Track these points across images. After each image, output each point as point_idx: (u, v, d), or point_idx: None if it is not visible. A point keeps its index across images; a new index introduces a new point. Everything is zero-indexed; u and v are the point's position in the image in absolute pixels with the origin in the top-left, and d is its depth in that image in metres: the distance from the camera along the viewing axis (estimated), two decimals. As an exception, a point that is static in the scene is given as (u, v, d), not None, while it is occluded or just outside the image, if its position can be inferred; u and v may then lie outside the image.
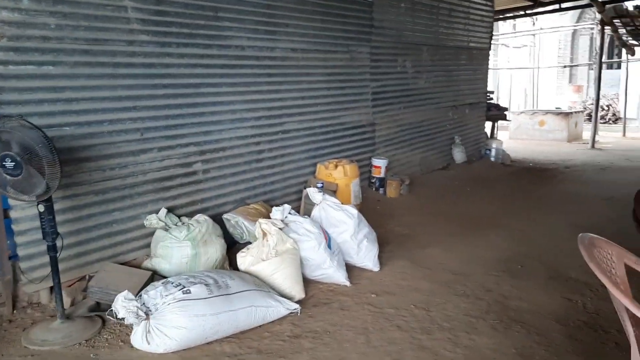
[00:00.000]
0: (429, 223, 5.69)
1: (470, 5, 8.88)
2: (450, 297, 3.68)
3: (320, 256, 3.94)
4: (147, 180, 4.35)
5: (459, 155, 8.84)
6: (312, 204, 4.49)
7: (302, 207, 4.95)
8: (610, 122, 17.13)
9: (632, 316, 1.78)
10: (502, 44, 20.93)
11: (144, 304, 3.12)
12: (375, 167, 6.77)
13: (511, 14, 13.00)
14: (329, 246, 4.05)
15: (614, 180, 8.09)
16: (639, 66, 16.32)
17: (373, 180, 6.79)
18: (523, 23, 20.70)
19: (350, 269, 4.16)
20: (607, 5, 11.31)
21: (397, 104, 7.50)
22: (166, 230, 4.08)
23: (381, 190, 6.72)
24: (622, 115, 16.82)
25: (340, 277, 3.96)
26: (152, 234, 4.18)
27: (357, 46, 6.58)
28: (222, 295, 3.20)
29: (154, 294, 3.16)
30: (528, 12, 12.44)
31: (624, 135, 15.17)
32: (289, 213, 4.17)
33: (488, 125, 10.56)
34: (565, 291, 3.74)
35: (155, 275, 3.91)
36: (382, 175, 6.76)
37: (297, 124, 5.78)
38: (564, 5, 12.04)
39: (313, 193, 4.45)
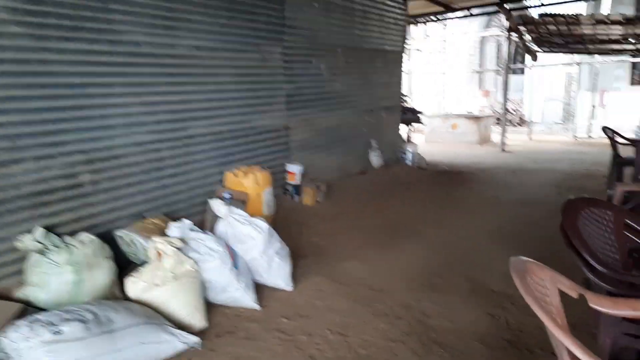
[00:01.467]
0: (347, 232, 5.42)
1: (384, 8, 8.77)
2: (369, 318, 3.38)
3: (226, 277, 3.51)
4: (20, 195, 3.72)
5: (376, 159, 8.69)
6: (218, 218, 4.04)
7: (207, 221, 4.49)
8: (517, 125, 17.93)
9: (571, 353, 1.53)
10: (416, 49, 21.36)
11: (2, 350, 2.55)
12: (290, 173, 6.42)
13: (424, 19, 13.15)
14: (236, 265, 3.63)
15: (525, 183, 8.26)
16: (542, 72, 17.15)
17: (288, 188, 6.43)
18: (435, 29, 21.28)
19: (260, 289, 3.77)
20: (514, 13, 11.68)
21: (313, 107, 7.19)
22: (43, 253, 3.48)
23: (297, 198, 6.38)
24: (527, 119, 17.63)
25: (248, 300, 3.55)
26: (27, 257, 3.57)
27: (268, 46, 6.20)
28: (104, 334, 2.70)
29: (16, 336, 2.59)
30: (440, 17, 12.61)
31: (530, 138, 15.86)
32: (190, 229, 3.71)
33: (404, 128, 10.55)
34: (487, 305, 3.56)
35: (29, 308, 3.31)
36: (297, 182, 6.42)
37: (203, 128, 5.30)
38: (473, 11, 12.32)
39: (217, 205, 4.01)
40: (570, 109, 16.68)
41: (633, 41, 12.75)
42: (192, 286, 3.38)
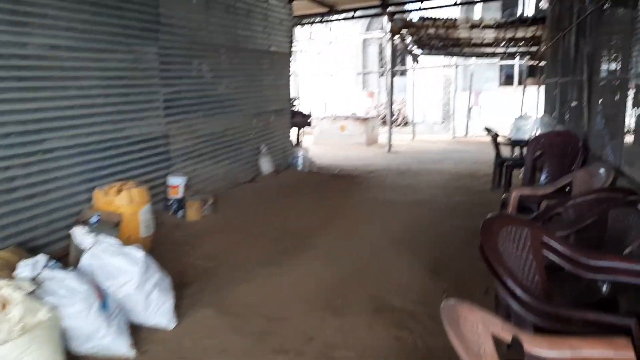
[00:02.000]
0: (236, 249, 4.96)
1: (268, 8, 8.40)
2: (267, 357, 2.97)
3: (92, 323, 2.92)
4: None
5: (266, 165, 8.29)
6: (83, 249, 3.41)
7: (71, 253, 3.81)
8: (401, 125, 18.49)
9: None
10: (301, 50, 21.29)
11: None
12: (172, 186, 5.82)
13: (309, 20, 12.98)
14: (105, 306, 3.05)
15: (414, 185, 8.32)
16: (422, 74, 17.80)
17: (170, 203, 5.83)
18: (320, 30, 21.35)
19: (138, 330, 3.21)
20: (396, 16, 11.88)
21: (195, 112, 6.63)
22: None
23: (180, 213, 5.80)
24: (410, 120, 18.22)
25: (120, 347, 2.98)
26: None
27: (141, 45, 5.56)
28: None
29: None
30: (325, 19, 12.50)
31: (413, 138, 16.36)
32: (46, 266, 3.06)
33: (294, 132, 10.26)
34: (393, 327, 3.31)
35: None
36: (180, 195, 5.84)
37: (64, 141, 4.57)
38: (357, 13, 12.36)
39: (81, 234, 3.37)
40: (449, 110, 17.49)
41: (503, 44, 13.55)
42: (48, 338, 2.75)
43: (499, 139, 7.81)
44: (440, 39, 13.23)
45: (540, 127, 10.28)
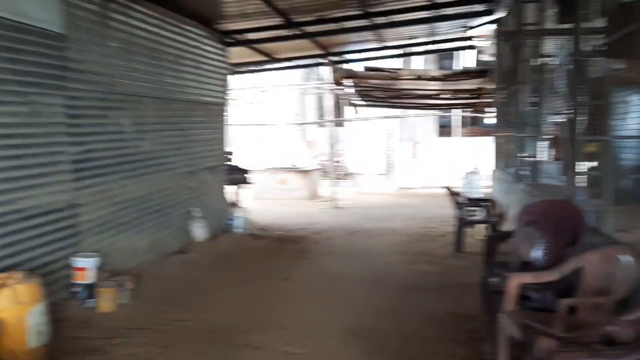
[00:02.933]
0: (158, 356, 3.84)
1: (201, 54, 7.53)
2: None
3: None
4: None
5: (199, 231, 7.22)
6: None
7: None
8: (342, 177, 17.86)
9: None
10: (238, 100, 20.50)
11: None
12: (79, 269, 4.66)
13: (247, 69, 12.23)
14: None
15: (368, 250, 7.48)
16: (364, 125, 17.40)
17: (77, 290, 4.65)
18: (258, 79, 20.70)
19: None
20: (338, 66, 11.35)
21: (113, 174, 5.54)
22: None
23: (90, 303, 4.62)
24: (352, 171, 17.65)
25: None
26: None
27: (42, 95, 4.49)
28: None
29: None
30: (265, 67, 11.78)
31: (357, 191, 15.71)
32: None
33: (231, 190, 9.26)
34: None
35: None
36: (90, 280, 4.67)
37: None
38: (298, 62, 11.74)
39: None
40: (391, 161, 17.09)
41: (447, 96, 13.31)
42: None
43: (459, 198, 7.17)
44: (384, 90, 12.81)
45: (495, 184, 9.84)
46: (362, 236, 8.51)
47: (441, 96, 13.19)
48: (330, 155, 14.86)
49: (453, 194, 7.05)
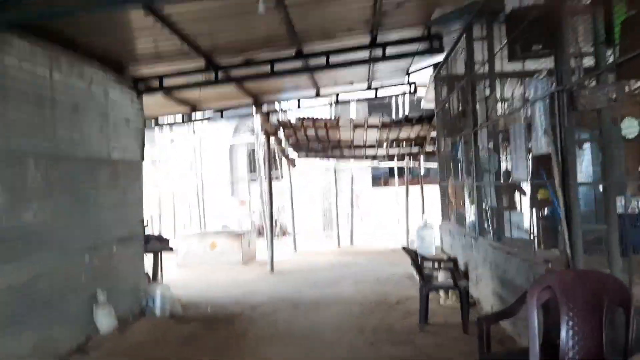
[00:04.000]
0: None
1: (107, 103, 6.28)
2: None
3: None
4: None
5: (105, 320, 5.74)
6: None
7: None
8: (279, 236, 16.56)
9: None
10: (159, 158, 19.01)
11: None
12: None
13: (168, 122, 11.01)
14: None
15: (319, 328, 6.24)
16: (300, 179, 16.37)
17: None
18: (183, 135, 19.39)
19: None
20: (271, 116, 10.36)
21: (-24, 258, 4.09)
22: None
23: None
24: (289, 229, 16.44)
25: None
26: None
27: None
28: None
29: None
30: (189, 119, 10.59)
31: (295, 249, 14.49)
32: None
33: (149, 261, 7.80)
34: None
35: None
36: None
37: None
38: (227, 113, 10.66)
39: None
40: (330, 216, 16.08)
41: (385, 145, 12.60)
42: None
43: (418, 259, 6.14)
44: (320, 140, 11.93)
45: (445, 238, 8.98)
46: (308, 308, 7.26)
47: (383, 145, 12.47)
48: (264, 213, 13.67)
49: (411, 253, 6.03)
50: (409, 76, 9.96)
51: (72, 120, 5.54)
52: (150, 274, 7.64)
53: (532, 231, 6.52)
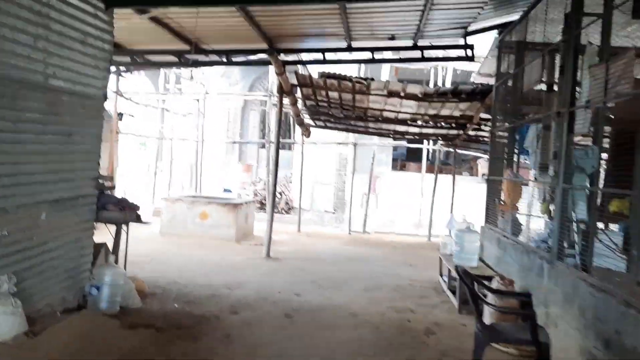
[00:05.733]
0: None
1: (50, 5, 4.31)
2: None
3: None
4: None
5: (7, 319, 3.87)
6: None
7: None
8: (283, 211, 14.70)
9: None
10: (164, 109, 17.10)
11: None
12: None
13: (162, 60, 9.05)
14: None
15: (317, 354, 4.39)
16: (312, 150, 14.40)
17: None
18: (190, 86, 17.43)
19: None
20: (289, 66, 8.35)
21: None
22: None
23: None
24: (295, 205, 14.58)
25: None
26: None
27: None
28: None
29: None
30: (187, 60, 8.60)
31: (299, 230, 12.64)
32: None
33: (104, 234, 5.93)
34: None
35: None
36: None
37: None
38: (234, 59, 8.65)
39: None
40: (343, 196, 14.14)
41: (420, 123, 10.56)
42: None
43: (477, 287, 4.20)
44: (343, 107, 9.91)
45: (490, 248, 7.01)
46: (304, 324, 5.37)
47: (417, 122, 10.43)
48: (270, 185, 11.85)
49: (467, 280, 4.08)
50: (465, 38, 7.88)
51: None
52: (105, 253, 5.77)
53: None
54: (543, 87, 6.10)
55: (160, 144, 15.90)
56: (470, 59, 7.91)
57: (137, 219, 6.11)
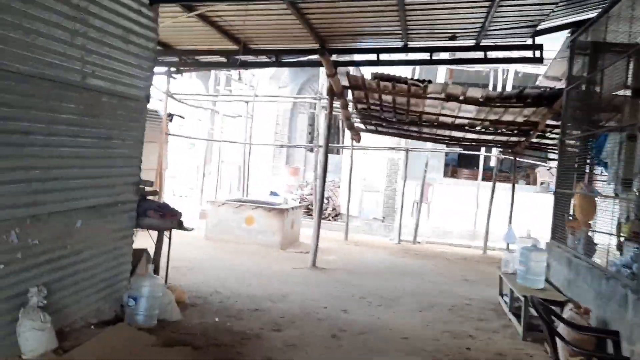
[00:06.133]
0: None
1: (93, 6, 4.05)
2: None
3: None
4: None
5: (32, 336, 3.61)
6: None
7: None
8: (330, 218, 14.29)
9: None
10: (214, 110, 17.04)
11: None
12: None
13: (211, 59, 8.82)
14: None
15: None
16: (361, 154, 13.93)
17: None
18: (240, 89, 17.31)
19: None
20: (340, 68, 7.93)
21: None
22: None
23: None
24: (343, 211, 14.15)
25: None
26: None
27: None
28: None
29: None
30: (234, 59, 8.32)
31: (346, 238, 12.20)
32: None
33: (144, 240, 5.68)
34: None
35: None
36: None
37: None
38: (284, 59, 8.32)
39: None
40: (393, 204, 13.59)
41: (478, 129, 9.94)
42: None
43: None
44: (397, 110, 9.41)
45: (556, 266, 6.35)
46: (352, 347, 4.93)
47: (475, 128, 9.81)
48: (318, 189, 11.49)
49: (545, 312, 3.52)
50: (534, 38, 7.24)
51: (23, 27, 3.36)
52: (145, 262, 5.51)
53: None
54: (625, 92, 5.44)
55: (208, 146, 15.81)
56: (539, 60, 7.27)
57: (179, 226, 5.82)
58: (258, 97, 14.29)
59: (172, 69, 12.03)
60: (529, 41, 7.32)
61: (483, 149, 13.42)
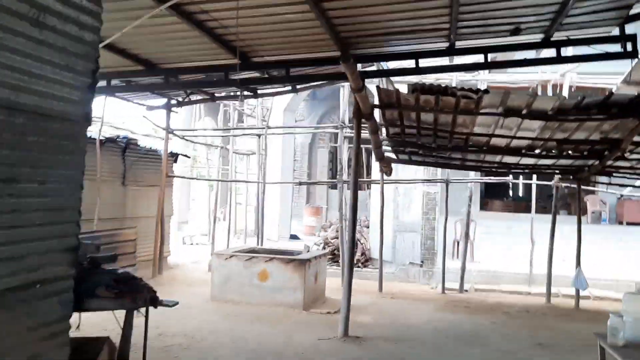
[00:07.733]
0: None
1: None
2: None
3: None
4: None
5: None
6: None
7: None
8: (360, 264, 12.35)
9: None
10: (223, 147, 15.47)
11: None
12: None
13: (203, 79, 7.23)
14: None
15: None
16: (394, 190, 12.10)
17: None
18: (254, 125, 15.74)
19: None
20: (369, 79, 6.22)
21: None
22: None
23: None
24: (373, 255, 12.25)
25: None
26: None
27: None
28: None
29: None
30: (231, 80, 6.68)
31: (380, 289, 10.28)
32: None
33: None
34: None
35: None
36: None
37: None
38: (294, 73, 6.65)
39: None
40: (433, 245, 11.64)
41: (537, 152, 8.11)
42: None
43: None
44: (438, 133, 7.63)
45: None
46: None
47: (535, 151, 7.97)
48: (343, 231, 9.74)
49: None
50: (623, 27, 5.49)
51: None
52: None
53: None
54: None
55: (217, 186, 14.15)
56: (633, 55, 5.48)
57: (152, 303, 4.05)
58: (270, 130, 12.68)
59: (173, 101, 10.59)
60: (615, 31, 5.56)
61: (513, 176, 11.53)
